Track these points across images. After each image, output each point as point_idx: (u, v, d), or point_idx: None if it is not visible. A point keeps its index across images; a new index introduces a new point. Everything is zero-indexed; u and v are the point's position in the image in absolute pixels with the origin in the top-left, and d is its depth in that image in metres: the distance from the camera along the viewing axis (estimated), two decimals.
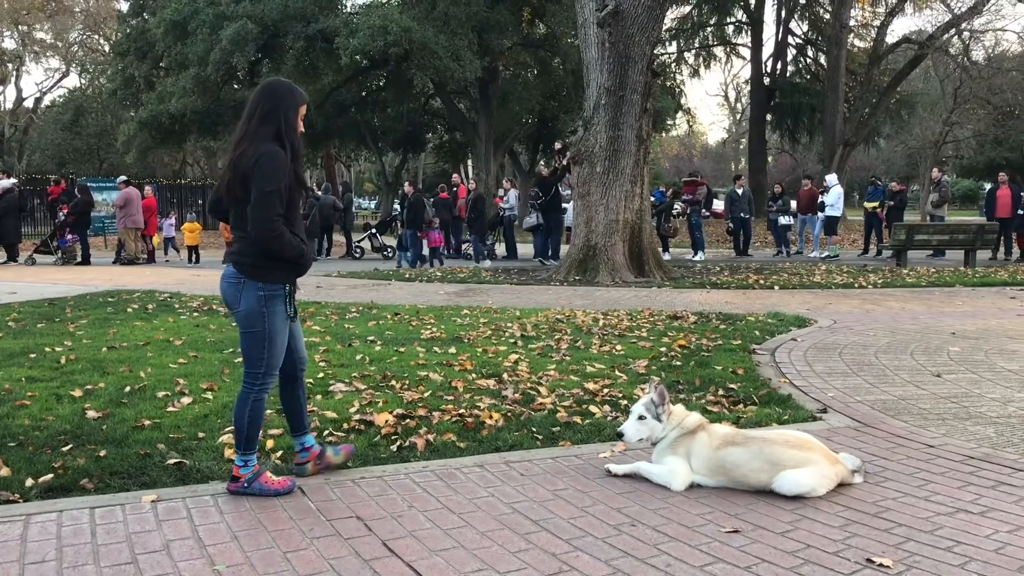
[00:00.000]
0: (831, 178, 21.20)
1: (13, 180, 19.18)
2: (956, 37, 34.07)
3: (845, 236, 24.96)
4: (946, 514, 3.56)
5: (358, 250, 21.29)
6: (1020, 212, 18.44)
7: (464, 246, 21.31)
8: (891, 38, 37.54)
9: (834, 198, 20.17)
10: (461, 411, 5.17)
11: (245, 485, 3.80)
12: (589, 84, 14.59)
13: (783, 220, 20.87)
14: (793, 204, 22.62)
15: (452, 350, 7.35)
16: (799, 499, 3.71)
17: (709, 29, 43.46)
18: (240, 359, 6.81)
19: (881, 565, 3.04)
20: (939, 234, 17.72)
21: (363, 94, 38.33)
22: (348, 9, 32.96)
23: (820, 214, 20.33)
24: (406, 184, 20.56)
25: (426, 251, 18.18)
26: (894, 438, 4.68)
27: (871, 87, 36.08)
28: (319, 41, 29.25)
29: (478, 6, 29.32)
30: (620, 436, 4.16)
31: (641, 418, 4.08)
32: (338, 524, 3.47)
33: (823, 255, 19.86)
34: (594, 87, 14.31)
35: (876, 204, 20.17)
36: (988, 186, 25.13)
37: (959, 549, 3.19)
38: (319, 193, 21.54)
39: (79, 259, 18.73)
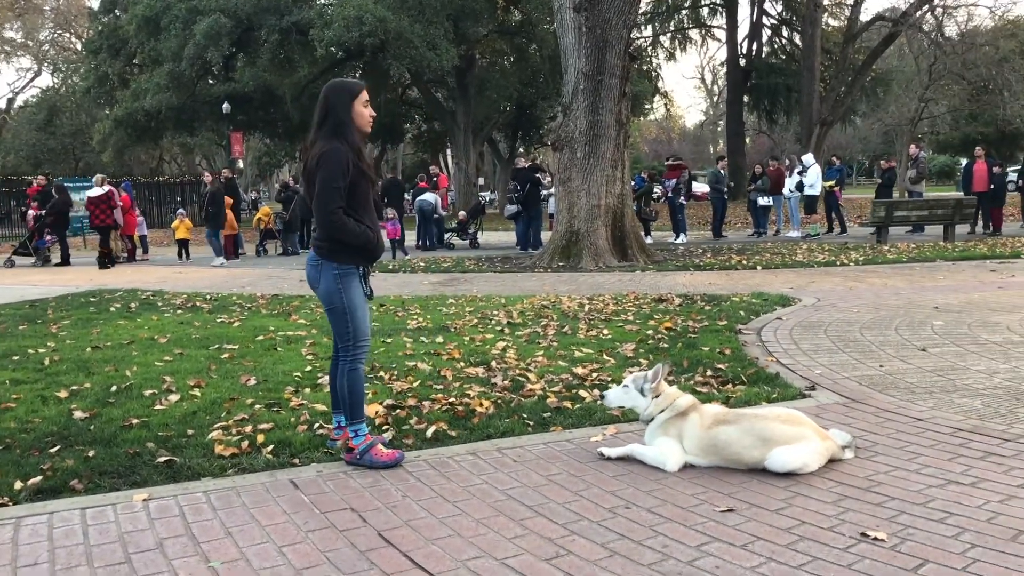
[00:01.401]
0: (808, 158, 21.25)
1: None
2: (929, 14, 34.18)
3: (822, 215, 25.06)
4: (937, 486, 3.58)
5: None
6: (993, 186, 18.61)
7: (447, 235, 21.23)
8: (865, 16, 37.69)
9: (813, 178, 20.24)
10: (451, 400, 5.16)
11: (358, 456, 4.05)
12: (567, 70, 14.55)
13: (762, 200, 20.92)
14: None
15: (439, 339, 7.34)
16: (792, 476, 3.73)
17: (684, 12, 43.55)
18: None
19: (876, 539, 3.06)
20: (918, 210, 17.83)
21: None
22: (322, 1, 32.72)
23: (787, 193, 20.39)
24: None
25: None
26: (883, 413, 4.71)
27: (846, 66, 36.19)
28: (294, 33, 29.03)
29: None
30: (603, 397, 4.30)
31: (626, 387, 4.17)
32: (332, 516, 3.46)
33: (803, 234, 19.95)
34: (572, 72, 14.28)
35: (833, 183, 20.24)
36: (964, 161, 25.30)
37: (952, 520, 3.22)
38: (296, 186, 21.36)
39: (58, 260, 18.54)
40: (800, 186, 20.30)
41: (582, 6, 13.61)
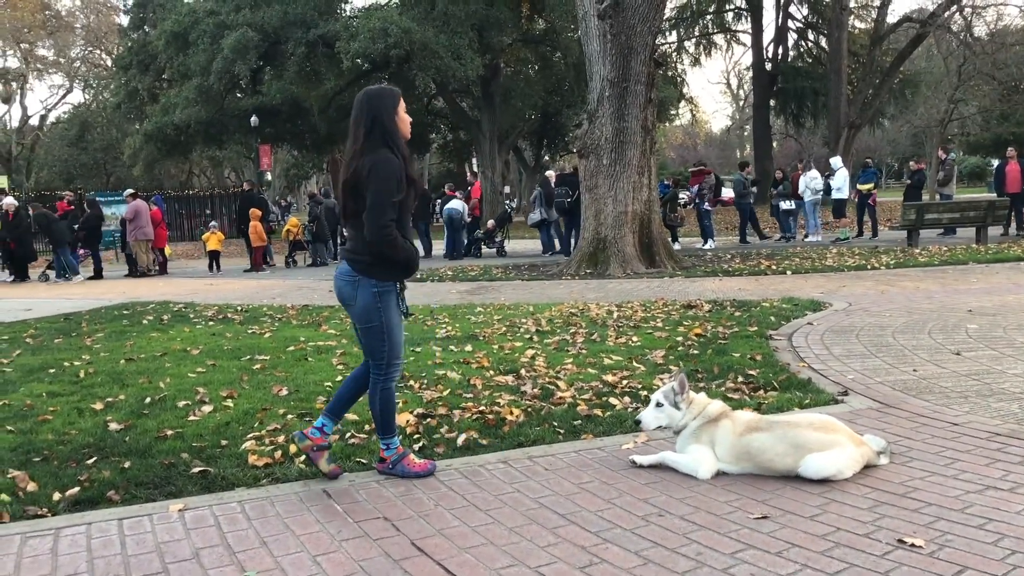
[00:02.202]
0: (835, 161, 21.07)
1: (10, 199, 19.15)
2: (958, 14, 33.88)
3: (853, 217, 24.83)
4: (975, 492, 3.53)
5: None
6: None
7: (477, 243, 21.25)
8: (892, 17, 37.39)
9: (840, 181, 20.07)
10: (481, 408, 5.17)
11: (390, 466, 4.08)
12: (592, 77, 14.55)
13: (784, 205, 20.77)
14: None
15: (468, 348, 7.35)
16: (826, 482, 3.70)
17: (709, 17, 43.42)
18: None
19: (913, 545, 3.03)
20: (949, 212, 17.63)
21: None
22: (348, 13, 32.99)
23: (810, 198, 20.19)
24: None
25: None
26: (917, 417, 4.66)
27: (874, 68, 35.92)
28: (320, 46, 29.28)
29: (477, 4, 29.31)
30: (638, 424, 4.19)
31: (659, 405, 4.10)
32: (366, 525, 3.48)
33: (833, 239, 19.77)
34: (597, 79, 14.28)
35: (871, 185, 20.04)
36: (996, 162, 24.95)
37: (991, 526, 3.17)
38: (322, 198, 21.51)
39: (89, 275, 18.80)
40: (828, 189, 20.12)
41: (607, 13, 13.62)
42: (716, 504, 3.56)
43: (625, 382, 5.75)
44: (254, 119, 32.16)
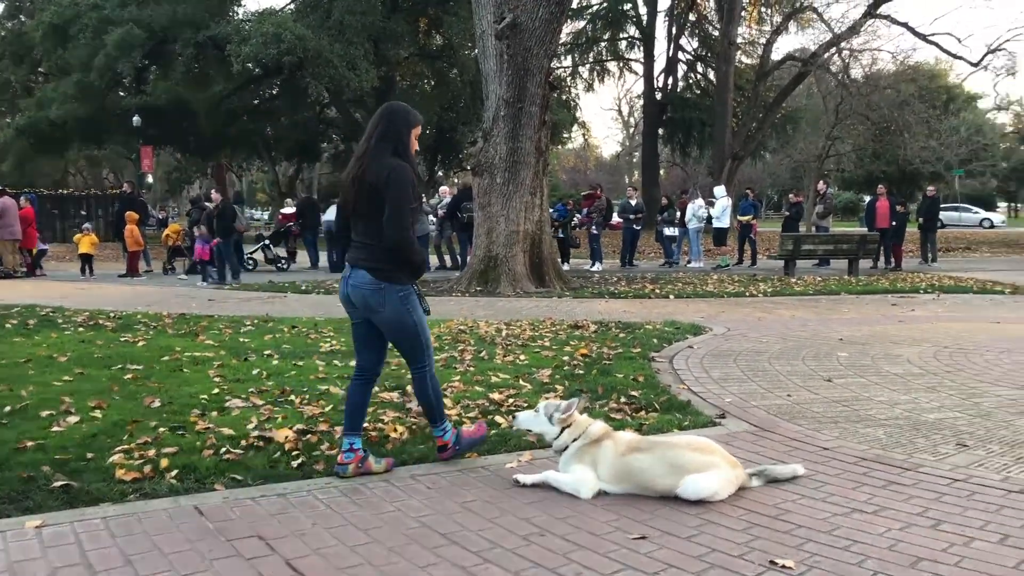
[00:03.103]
0: (719, 190, 21.80)
1: None
2: (836, 56, 35.61)
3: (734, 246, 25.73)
4: (842, 514, 3.68)
5: (250, 262, 20.76)
6: (895, 223, 19.42)
7: None
8: (776, 55, 38.93)
9: (720, 210, 20.77)
10: (365, 425, 5.07)
11: (457, 446, 4.41)
12: (488, 96, 14.64)
13: (668, 231, 21.47)
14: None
15: (353, 363, 7.20)
16: (702, 503, 3.78)
17: (603, 44, 44.33)
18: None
19: (784, 567, 3.12)
20: (824, 244, 18.47)
21: (256, 102, 37.51)
22: (240, 16, 32.25)
23: (695, 225, 20.85)
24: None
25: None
26: (790, 441, 4.83)
27: (758, 102, 37.37)
28: (210, 48, 28.52)
29: (374, 16, 29.12)
30: (514, 417, 4.41)
31: (537, 412, 4.22)
32: (239, 544, 3.35)
33: (714, 265, 20.43)
34: (493, 98, 14.37)
35: (750, 216, 20.86)
36: (867, 198, 26.31)
37: (856, 548, 3.30)
38: (207, 204, 20.85)
39: None
40: (710, 218, 20.81)
41: (504, 34, 13.73)
42: (596, 524, 3.58)
43: (511, 400, 5.75)
44: (137, 119, 30.99)
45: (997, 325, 9.72)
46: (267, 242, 21.27)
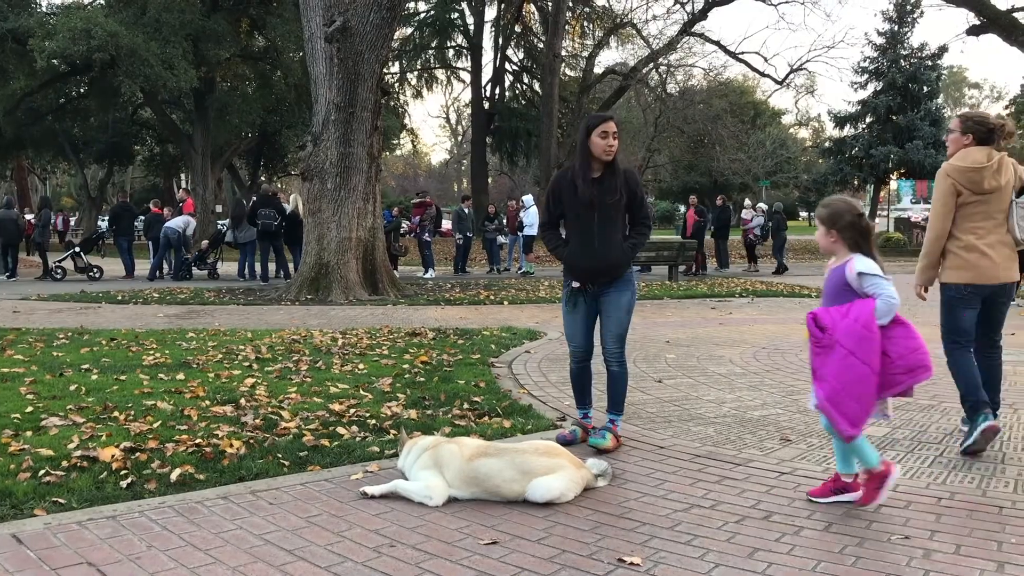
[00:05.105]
0: (527, 198, 22.25)
1: None
2: (654, 71, 37.34)
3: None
4: (682, 510, 3.83)
5: (59, 271, 19.36)
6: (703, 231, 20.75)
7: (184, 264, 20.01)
8: (598, 69, 40.39)
9: (531, 218, 21.20)
10: (198, 441, 4.83)
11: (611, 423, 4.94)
12: (317, 99, 14.34)
13: (500, 239, 21.96)
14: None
15: (180, 376, 6.87)
16: (550, 505, 3.83)
17: (431, 52, 44.38)
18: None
19: (632, 564, 3.21)
20: (646, 251, 19.24)
21: (62, 101, 35.07)
22: (44, 9, 30.09)
23: (520, 233, 21.29)
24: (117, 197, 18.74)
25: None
26: (628, 441, 4.98)
27: (581, 114, 38.52)
28: (9, 41, 26.43)
29: (193, 14, 27.91)
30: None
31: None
32: (66, 573, 3.09)
33: (519, 271, 21.01)
34: (323, 102, 14.09)
35: None
36: (683, 208, 27.71)
37: (697, 542, 3.44)
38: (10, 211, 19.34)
39: None
40: (520, 225, 21.19)
41: (334, 37, 13.49)
42: (447, 532, 3.56)
43: (352, 411, 5.64)
44: None
45: None
46: (77, 249, 19.89)
